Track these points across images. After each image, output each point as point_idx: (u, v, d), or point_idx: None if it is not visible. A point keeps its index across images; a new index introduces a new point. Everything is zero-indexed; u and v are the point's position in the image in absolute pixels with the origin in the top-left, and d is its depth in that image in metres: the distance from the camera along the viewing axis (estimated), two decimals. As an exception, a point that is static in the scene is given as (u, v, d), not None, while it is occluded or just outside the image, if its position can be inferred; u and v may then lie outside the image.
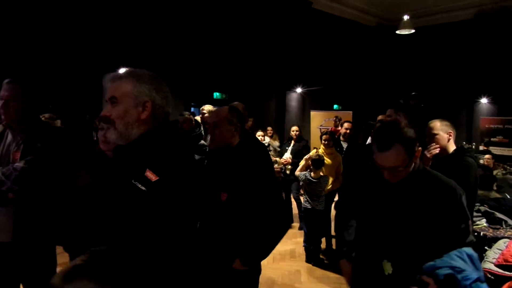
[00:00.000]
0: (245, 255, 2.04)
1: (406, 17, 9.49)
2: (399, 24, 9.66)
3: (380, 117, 5.41)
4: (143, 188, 1.25)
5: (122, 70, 5.44)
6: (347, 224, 2.04)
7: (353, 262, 1.95)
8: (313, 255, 4.70)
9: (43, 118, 3.66)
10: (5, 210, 2.13)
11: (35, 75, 6.85)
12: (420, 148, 1.71)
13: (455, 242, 1.63)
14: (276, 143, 7.06)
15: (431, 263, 1.52)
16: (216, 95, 9.66)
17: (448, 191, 1.68)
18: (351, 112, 9.49)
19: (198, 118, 5.18)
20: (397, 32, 9.77)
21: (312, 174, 4.65)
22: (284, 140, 7.91)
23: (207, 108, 4.82)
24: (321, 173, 4.69)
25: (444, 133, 2.72)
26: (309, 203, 4.65)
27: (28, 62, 6.68)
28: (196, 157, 3.67)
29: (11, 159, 2.18)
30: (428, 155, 2.64)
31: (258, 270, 2.22)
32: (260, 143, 2.44)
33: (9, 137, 2.23)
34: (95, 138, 4.56)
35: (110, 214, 1.32)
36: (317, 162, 4.62)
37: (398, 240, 1.68)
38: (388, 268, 1.69)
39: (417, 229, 1.65)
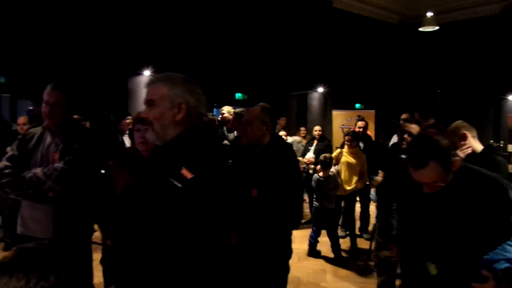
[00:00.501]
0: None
1: (429, 14, 9.32)
2: (423, 21, 9.50)
3: (403, 116, 5.40)
4: (179, 185, 1.31)
5: (146, 72, 5.62)
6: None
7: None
8: (315, 251, 4.86)
9: None
10: (46, 207, 2.25)
11: (70, 78, 7.09)
12: (457, 158, 1.69)
13: (505, 235, 1.59)
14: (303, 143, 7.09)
15: (487, 256, 1.50)
16: (238, 95, 9.73)
17: (493, 184, 1.66)
18: (373, 111, 9.41)
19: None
20: (420, 29, 9.61)
21: (320, 174, 4.72)
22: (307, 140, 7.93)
23: (227, 109, 4.93)
24: (330, 173, 4.77)
25: (472, 132, 2.69)
26: (318, 201, 4.71)
27: (55, 65, 6.91)
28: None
29: (51, 160, 2.30)
30: (462, 155, 2.62)
31: (287, 268, 2.26)
32: (288, 143, 2.50)
33: (48, 138, 2.35)
34: (120, 140, 4.71)
35: (149, 209, 1.40)
36: (324, 163, 4.73)
37: (444, 240, 1.67)
38: (433, 270, 1.67)
39: (465, 227, 1.63)
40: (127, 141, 4.57)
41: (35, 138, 2.37)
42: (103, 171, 2.89)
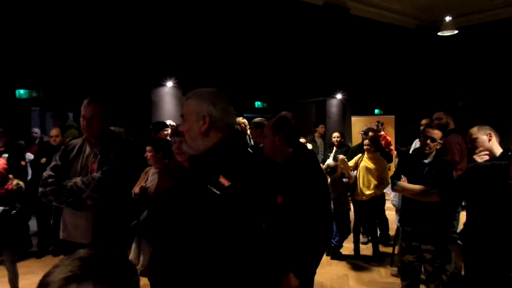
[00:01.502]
0: (299, 268, 2.12)
1: (448, 18, 9.28)
2: (441, 25, 9.46)
3: (424, 121, 5.41)
4: (217, 192, 1.43)
5: (169, 83, 5.80)
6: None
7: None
8: (337, 254, 5.00)
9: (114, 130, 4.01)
10: (86, 214, 2.41)
11: (95, 91, 7.35)
12: None
13: None
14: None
15: None
16: (258, 104, 9.88)
17: None
18: (393, 116, 9.38)
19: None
20: (439, 33, 9.57)
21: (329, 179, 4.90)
22: (326, 147, 7.97)
23: (238, 120, 5.06)
24: (343, 180, 5.01)
25: (483, 135, 2.77)
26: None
27: (81, 79, 7.20)
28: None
29: (89, 170, 2.46)
30: (479, 159, 2.67)
31: (314, 272, 2.33)
32: (311, 151, 2.57)
33: (87, 149, 2.52)
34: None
35: (190, 214, 1.51)
36: (330, 169, 4.93)
37: None
38: None
39: None
40: None
41: (75, 149, 2.54)
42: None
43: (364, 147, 5.08)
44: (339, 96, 10.17)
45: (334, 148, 6.51)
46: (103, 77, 7.50)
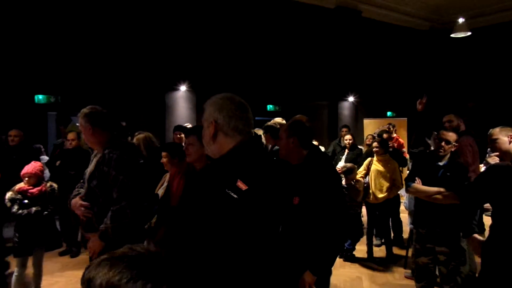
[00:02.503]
0: (315, 265, 2.18)
1: (461, 20, 9.23)
2: (454, 26, 9.42)
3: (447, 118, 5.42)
4: (235, 196, 1.46)
5: (182, 87, 5.90)
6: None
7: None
8: (345, 254, 5.02)
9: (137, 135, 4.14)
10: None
11: (119, 95, 7.53)
12: None
13: None
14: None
15: None
16: (270, 107, 9.94)
17: None
18: (405, 119, 9.34)
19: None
20: (452, 35, 9.52)
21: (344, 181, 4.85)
22: (338, 149, 7.98)
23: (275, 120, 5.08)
24: (352, 181, 4.87)
25: (504, 136, 2.74)
26: None
27: (96, 84, 7.35)
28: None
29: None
30: (491, 161, 2.69)
31: (329, 272, 2.38)
32: (325, 154, 2.62)
33: (98, 155, 2.59)
34: None
35: (207, 217, 1.54)
36: (346, 170, 4.88)
37: None
38: None
39: None
40: None
41: (93, 155, 2.65)
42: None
43: (373, 149, 5.08)
44: (351, 98, 10.18)
45: (346, 150, 6.52)
46: (118, 82, 7.65)
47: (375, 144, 5.07)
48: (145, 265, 0.80)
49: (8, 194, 3.44)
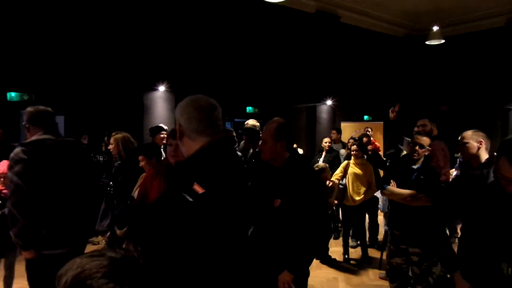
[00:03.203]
0: (292, 264, 2.20)
1: (435, 28, 9.53)
2: (429, 34, 9.71)
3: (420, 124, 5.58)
4: (190, 199, 1.46)
5: (161, 87, 5.92)
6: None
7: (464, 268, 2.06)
8: (326, 257, 5.09)
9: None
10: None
11: (89, 95, 7.39)
12: None
13: None
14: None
15: None
16: (249, 109, 9.96)
17: None
18: (382, 122, 9.56)
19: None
20: (427, 42, 9.81)
21: None
22: (315, 152, 8.09)
23: (252, 122, 5.10)
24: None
25: (474, 141, 2.82)
26: None
27: (74, 82, 7.19)
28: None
29: None
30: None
31: (307, 273, 2.41)
32: (305, 157, 2.65)
33: None
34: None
35: (163, 220, 1.54)
36: (318, 170, 4.88)
37: None
38: (507, 270, 1.79)
39: None
40: (163, 154, 4.79)
41: None
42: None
43: (352, 152, 5.17)
44: (329, 102, 10.32)
45: (323, 153, 6.61)
46: (95, 81, 7.51)
47: (354, 147, 5.15)
48: (114, 266, 0.82)
49: None
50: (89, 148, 5.86)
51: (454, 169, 5.25)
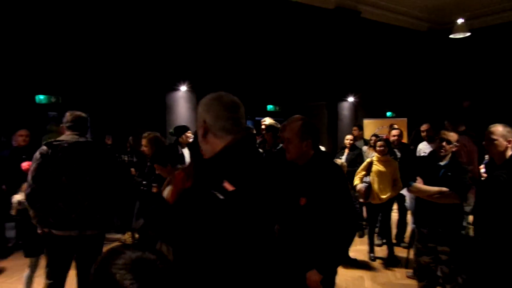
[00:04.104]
0: (321, 264, 2.17)
1: (460, 21, 9.26)
2: (453, 27, 9.45)
3: (424, 127, 5.53)
4: (221, 197, 1.45)
5: (182, 87, 6.00)
6: None
7: None
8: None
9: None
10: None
11: (114, 96, 7.54)
12: None
13: None
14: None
15: None
16: (270, 107, 9.96)
17: None
18: (405, 119, 9.38)
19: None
20: (451, 36, 9.55)
21: None
22: (337, 149, 8.01)
23: (269, 120, 5.11)
24: None
25: (504, 140, 2.66)
26: None
27: (100, 84, 7.35)
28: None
29: None
30: None
31: (335, 272, 2.39)
32: (329, 154, 2.62)
33: None
34: (180, 152, 4.98)
35: (193, 218, 1.52)
36: None
37: None
38: None
39: None
40: (186, 154, 4.84)
41: None
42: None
43: (377, 148, 5.05)
44: (351, 99, 10.20)
45: (346, 150, 6.53)
46: (119, 83, 7.66)
47: (380, 143, 5.05)
48: (134, 262, 0.92)
49: (19, 196, 3.45)
50: (113, 148, 5.97)
51: (482, 165, 5.11)
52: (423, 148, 5.56)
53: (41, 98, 7.23)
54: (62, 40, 7.04)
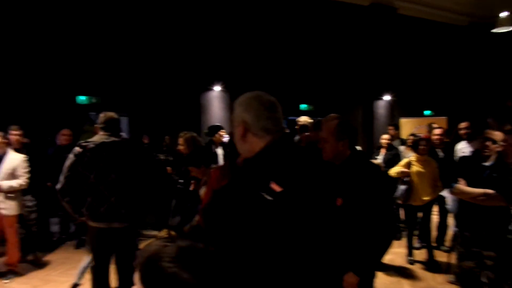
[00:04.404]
0: (358, 266, 2.12)
1: (504, 14, 8.82)
2: (496, 21, 9.01)
3: (463, 125, 5.26)
4: (269, 198, 1.42)
5: (216, 87, 6.08)
6: None
7: None
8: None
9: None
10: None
11: (155, 96, 7.74)
12: None
13: None
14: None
15: None
16: (303, 106, 9.86)
17: None
18: (445, 117, 9.04)
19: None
20: (494, 30, 9.11)
21: None
22: (373, 149, 7.82)
23: (304, 118, 5.06)
24: None
25: None
26: None
27: (137, 86, 7.54)
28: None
29: None
30: None
31: (373, 274, 2.33)
32: (364, 152, 2.56)
33: None
34: (214, 151, 5.05)
35: (240, 219, 1.51)
36: None
37: None
38: None
39: None
40: (220, 153, 4.89)
41: None
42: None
43: (420, 147, 4.87)
44: (387, 97, 9.94)
45: (383, 150, 6.36)
46: (156, 84, 7.84)
47: (423, 142, 4.85)
48: (180, 253, 0.92)
49: None
50: (150, 147, 6.11)
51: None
52: (462, 148, 5.31)
53: (82, 99, 7.51)
54: (102, 44, 7.30)
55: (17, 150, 4.57)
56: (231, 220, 1.55)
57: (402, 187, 4.81)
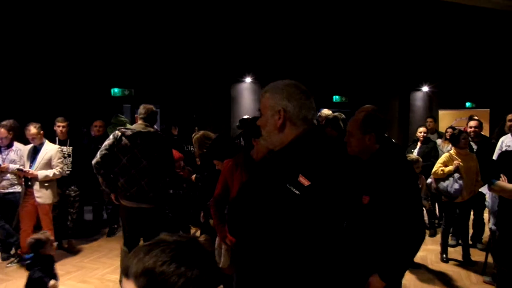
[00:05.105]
0: (385, 270, 1.98)
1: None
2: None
3: (510, 116, 4.88)
4: (297, 192, 1.38)
5: (247, 79, 6.01)
6: None
7: None
8: None
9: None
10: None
11: (187, 88, 7.83)
12: None
13: None
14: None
15: None
16: (336, 98, 9.65)
17: None
18: (488, 110, 8.54)
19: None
20: (546, 16, 8.48)
21: None
22: (409, 142, 7.53)
23: (326, 112, 4.95)
24: None
25: None
26: None
27: (167, 78, 7.63)
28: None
29: None
30: None
31: (401, 276, 2.21)
32: (399, 147, 2.42)
33: None
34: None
35: (267, 213, 1.46)
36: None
37: None
38: None
39: None
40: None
41: None
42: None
43: (462, 140, 4.62)
44: (425, 88, 9.53)
45: (419, 143, 6.12)
46: (187, 76, 7.91)
47: (464, 135, 4.61)
48: (180, 250, 0.82)
49: None
50: (180, 139, 6.16)
51: None
52: (506, 141, 4.98)
53: (115, 91, 7.70)
54: (135, 39, 7.43)
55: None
56: (257, 215, 1.50)
57: (456, 184, 4.54)
